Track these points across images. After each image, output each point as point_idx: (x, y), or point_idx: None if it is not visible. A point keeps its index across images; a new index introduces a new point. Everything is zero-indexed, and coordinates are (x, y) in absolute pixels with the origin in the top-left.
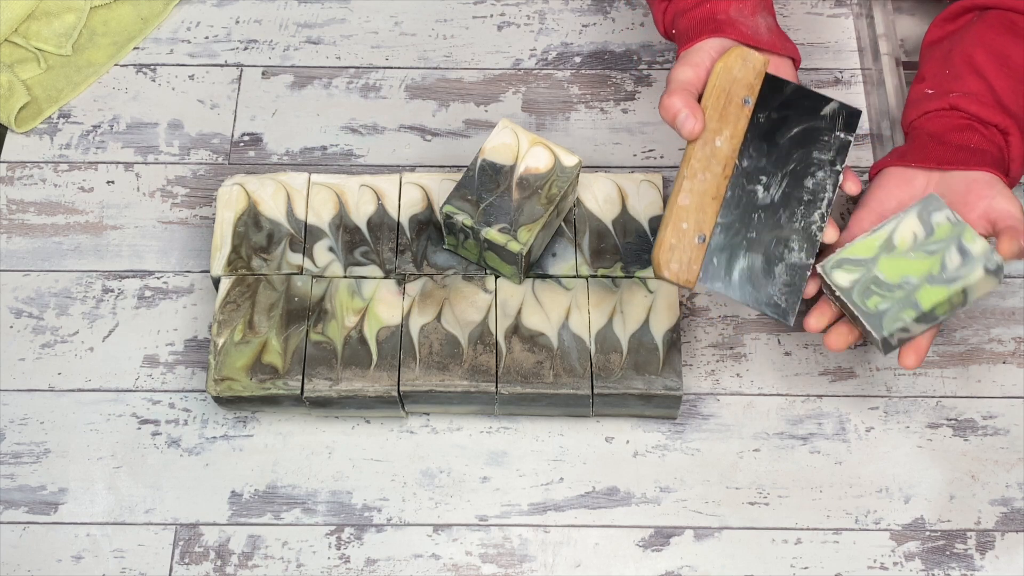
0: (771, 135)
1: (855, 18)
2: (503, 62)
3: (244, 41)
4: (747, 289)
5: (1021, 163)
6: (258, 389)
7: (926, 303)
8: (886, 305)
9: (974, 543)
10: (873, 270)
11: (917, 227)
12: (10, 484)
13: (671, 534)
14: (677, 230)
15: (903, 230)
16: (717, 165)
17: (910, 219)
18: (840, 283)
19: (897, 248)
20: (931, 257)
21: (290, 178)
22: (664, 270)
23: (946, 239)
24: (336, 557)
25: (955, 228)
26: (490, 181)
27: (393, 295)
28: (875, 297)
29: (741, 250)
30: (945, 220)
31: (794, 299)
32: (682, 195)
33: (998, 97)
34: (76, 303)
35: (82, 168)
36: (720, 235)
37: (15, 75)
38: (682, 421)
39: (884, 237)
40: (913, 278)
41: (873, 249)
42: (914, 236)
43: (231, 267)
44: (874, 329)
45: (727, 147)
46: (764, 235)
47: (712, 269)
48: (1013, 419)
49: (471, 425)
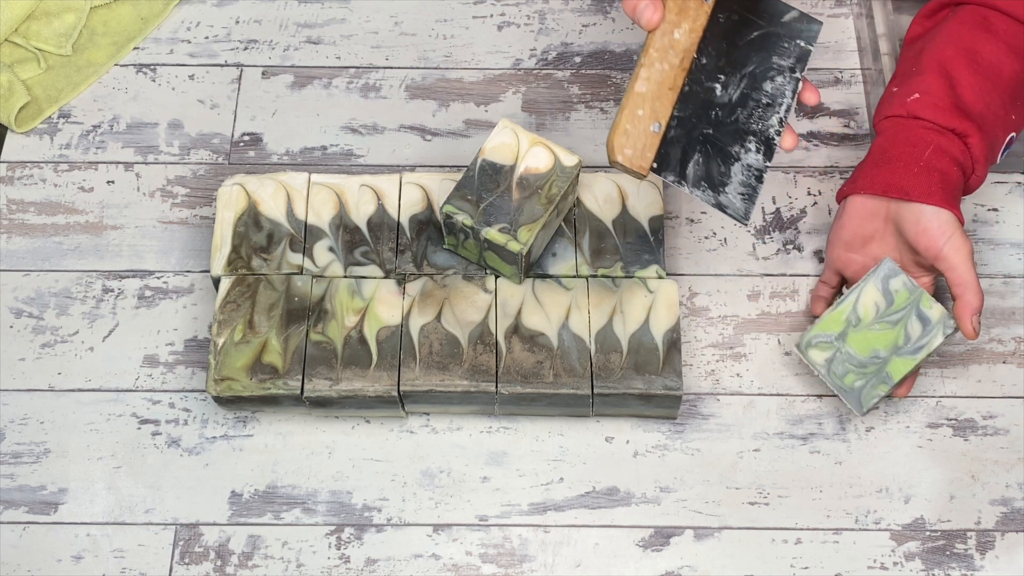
0: (731, 35)
1: (855, 18)
2: (503, 62)
3: (244, 41)
4: (703, 185)
5: (985, 164)
6: (258, 389)
7: (896, 375)
8: (861, 382)
9: (974, 543)
10: (844, 346)
11: (878, 297)
12: (10, 484)
13: (671, 534)
14: (632, 116)
15: (865, 301)
16: (675, 57)
17: (870, 290)
18: (816, 361)
19: (862, 321)
20: (895, 328)
21: (290, 178)
22: (618, 155)
23: (906, 307)
24: (336, 557)
25: (912, 295)
26: (490, 181)
27: (393, 295)
28: (850, 375)
29: (697, 145)
30: (903, 287)
31: (750, 200)
32: (639, 83)
33: (958, 98)
34: (76, 303)
35: (82, 168)
36: (676, 128)
37: (15, 75)
38: (682, 421)
39: (848, 310)
40: (882, 351)
41: (840, 323)
42: (876, 307)
43: (231, 267)
44: (854, 407)
45: (685, 40)
46: (721, 133)
47: (667, 160)
48: (1013, 419)
49: (471, 425)
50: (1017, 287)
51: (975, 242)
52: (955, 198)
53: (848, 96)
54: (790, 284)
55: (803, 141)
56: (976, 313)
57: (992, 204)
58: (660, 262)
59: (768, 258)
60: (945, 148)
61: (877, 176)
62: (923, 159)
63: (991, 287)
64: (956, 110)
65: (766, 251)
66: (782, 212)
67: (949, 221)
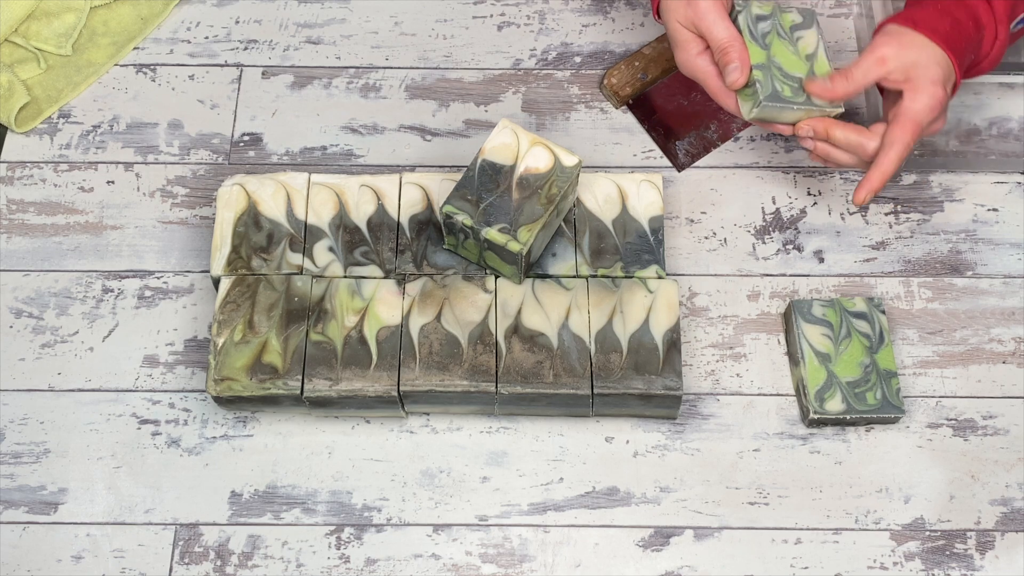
0: None
1: (855, 18)
2: (503, 62)
3: (244, 41)
4: (659, 130)
5: (1007, 25)
6: (258, 389)
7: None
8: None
9: (974, 543)
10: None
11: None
12: (10, 484)
13: (671, 534)
14: (630, 64)
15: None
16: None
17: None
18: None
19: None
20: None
21: (290, 178)
22: (606, 79)
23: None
24: (336, 557)
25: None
26: (490, 181)
27: (393, 295)
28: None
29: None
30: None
31: (692, 158)
32: (646, 47)
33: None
34: (76, 303)
35: (82, 168)
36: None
37: (15, 75)
38: (682, 421)
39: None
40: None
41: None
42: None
43: (231, 267)
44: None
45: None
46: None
47: (642, 103)
48: (1013, 419)
49: (471, 425)
50: (1017, 287)
51: (975, 242)
52: (959, 48)
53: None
54: (790, 284)
55: None
56: (873, 192)
57: (992, 204)
58: (660, 262)
59: (768, 258)
60: (967, 2)
61: (899, 13)
62: (942, 4)
63: (991, 287)
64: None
65: (766, 251)
66: (782, 212)
67: (940, 57)
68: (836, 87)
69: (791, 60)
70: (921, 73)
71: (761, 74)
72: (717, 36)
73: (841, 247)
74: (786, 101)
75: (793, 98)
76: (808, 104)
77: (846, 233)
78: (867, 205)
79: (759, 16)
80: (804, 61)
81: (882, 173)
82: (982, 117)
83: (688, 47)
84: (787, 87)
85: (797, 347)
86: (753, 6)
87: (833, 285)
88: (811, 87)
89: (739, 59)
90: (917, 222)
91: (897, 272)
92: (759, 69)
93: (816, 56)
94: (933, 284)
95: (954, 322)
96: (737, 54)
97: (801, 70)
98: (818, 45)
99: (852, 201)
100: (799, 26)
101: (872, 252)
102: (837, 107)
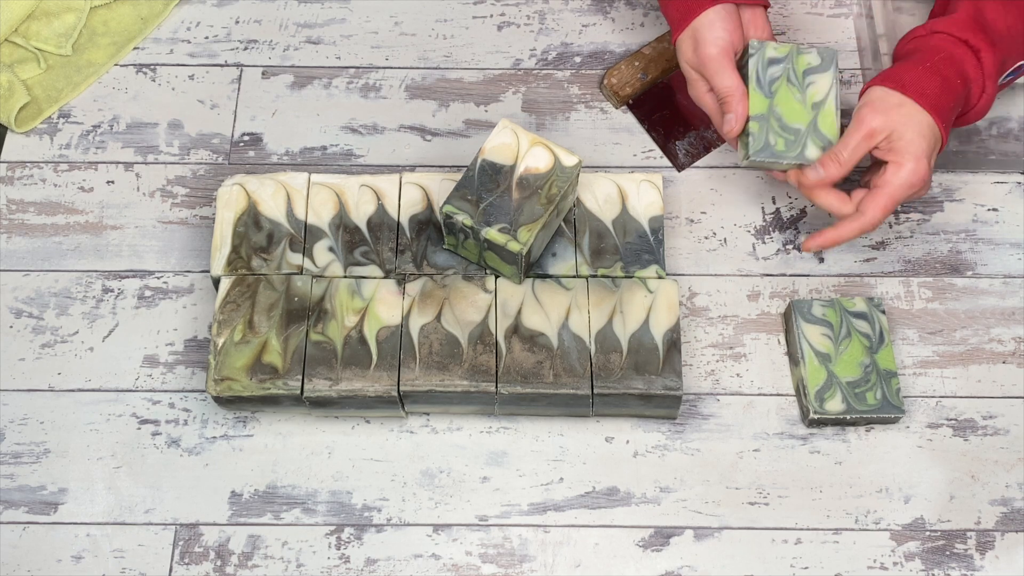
0: None
1: (855, 18)
2: (503, 62)
3: (244, 41)
4: (659, 130)
5: (995, 79)
6: (258, 389)
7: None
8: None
9: (974, 543)
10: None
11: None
12: (10, 484)
13: (671, 534)
14: (630, 64)
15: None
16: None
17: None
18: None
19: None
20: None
21: (290, 178)
22: (606, 79)
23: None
24: (336, 557)
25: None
26: (490, 181)
27: (393, 295)
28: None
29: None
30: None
31: (692, 158)
32: (646, 47)
33: (980, 16)
34: (76, 303)
35: (82, 168)
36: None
37: (15, 75)
38: (682, 421)
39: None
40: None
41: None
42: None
43: (231, 267)
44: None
45: None
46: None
47: (641, 103)
48: (1013, 419)
49: (471, 425)
50: (1017, 287)
51: (975, 242)
52: (946, 109)
53: (848, 96)
54: (790, 284)
55: None
56: (822, 247)
57: (992, 204)
58: (660, 262)
59: (768, 258)
60: (956, 58)
61: (887, 71)
62: (930, 62)
63: (991, 287)
64: (975, 24)
65: (766, 251)
66: (782, 212)
67: (927, 127)
68: (829, 172)
69: (794, 109)
70: (906, 147)
71: (757, 126)
72: (718, 85)
73: (841, 247)
74: (777, 156)
75: (785, 152)
76: (800, 159)
77: None
78: None
79: (772, 59)
80: (809, 110)
81: (839, 235)
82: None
83: (697, 85)
84: (782, 140)
85: (797, 347)
86: (769, 48)
87: (833, 285)
88: (803, 178)
89: (735, 110)
90: (917, 222)
91: (897, 272)
92: (757, 120)
93: (824, 104)
94: (933, 284)
95: (954, 322)
96: (735, 104)
97: (803, 120)
98: (830, 91)
99: (801, 245)
100: (814, 69)
101: (872, 252)
102: None
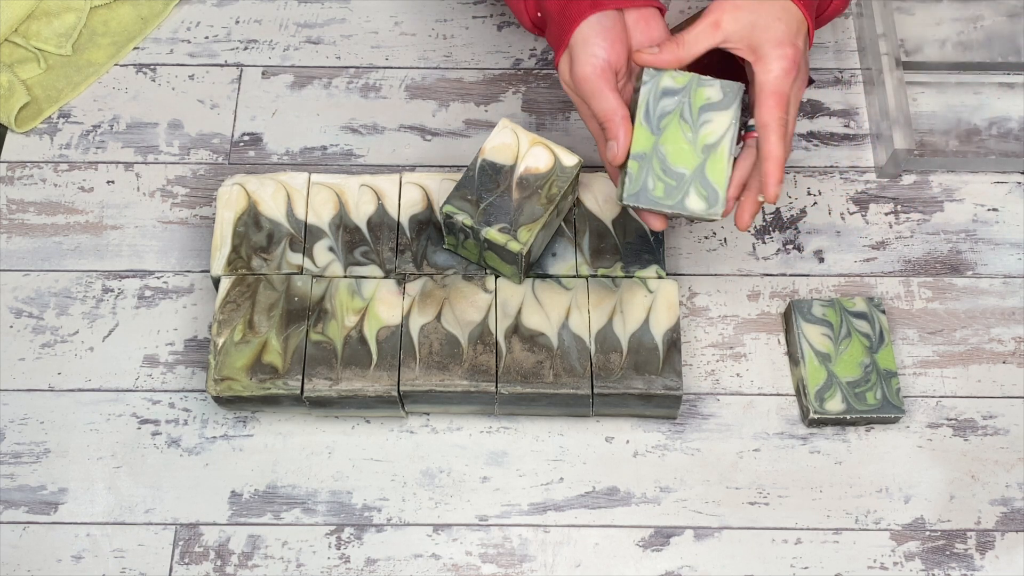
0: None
1: (855, 18)
2: (503, 62)
3: (244, 41)
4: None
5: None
6: (258, 389)
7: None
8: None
9: (974, 543)
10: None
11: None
12: (10, 484)
13: (671, 534)
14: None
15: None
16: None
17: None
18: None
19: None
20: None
21: (290, 178)
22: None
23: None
24: (336, 557)
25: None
26: (490, 181)
27: (393, 295)
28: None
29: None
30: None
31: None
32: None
33: None
34: (76, 303)
35: (82, 168)
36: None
37: (15, 75)
38: (682, 421)
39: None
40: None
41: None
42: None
43: (231, 267)
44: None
45: None
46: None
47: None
48: (1013, 419)
49: (471, 425)
50: (1017, 287)
51: (975, 242)
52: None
53: (848, 96)
54: (790, 284)
55: (803, 141)
56: (778, 181)
57: (992, 204)
58: (660, 262)
59: (768, 258)
60: None
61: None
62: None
63: (991, 287)
64: None
65: (766, 251)
66: (782, 212)
67: (783, 10)
68: (664, 54)
69: (681, 152)
70: (762, 36)
71: (636, 166)
72: (595, 109)
73: (841, 247)
74: (653, 202)
75: (662, 200)
76: (679, 208)
77: (846, 233)
78: (867, 205)
79: (667, 90)
80: (699, 153)
81: (775, 160)
82: (982, 117)
83: (580, 108)
84: (661, 185)
85: (797, 347)
86: (665, 77)
87: (833, 285)
88: (637, 57)
89: (617, 136)
90: (917, 222)
91: (897, 272)
92: (637, 160)
93: (716, 148)
94: (933, 284)
95: (954, 322)
96: (616, 129)
97: (690, 165)
98: (726, 132)
99: (764, 196)
100: (713, 106)
101: (872, 252)
102: (713, 216)
